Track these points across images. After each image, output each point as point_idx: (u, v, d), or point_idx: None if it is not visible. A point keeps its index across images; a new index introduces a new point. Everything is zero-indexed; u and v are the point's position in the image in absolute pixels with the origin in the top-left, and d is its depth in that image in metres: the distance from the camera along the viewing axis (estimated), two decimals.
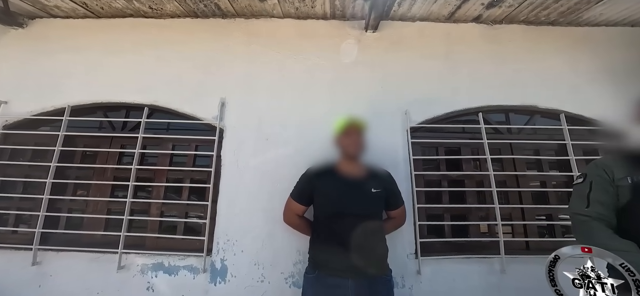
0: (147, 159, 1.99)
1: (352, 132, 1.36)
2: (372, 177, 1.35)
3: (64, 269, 1.66)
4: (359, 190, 1.30)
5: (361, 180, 1.32)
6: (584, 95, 1.94)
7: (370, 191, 1.30)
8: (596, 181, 1.02)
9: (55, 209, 1.80)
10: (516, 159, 1.88)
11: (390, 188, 1.41)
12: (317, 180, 1.35)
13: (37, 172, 1.83)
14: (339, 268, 1.20)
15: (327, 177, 1.35)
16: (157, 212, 1.81)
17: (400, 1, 1.86)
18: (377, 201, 1.33)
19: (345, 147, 1.36)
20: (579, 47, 2.04)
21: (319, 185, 1.33)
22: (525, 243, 1.78)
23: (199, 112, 1.91)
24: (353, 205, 1.27)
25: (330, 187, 1.31)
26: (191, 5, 1.95)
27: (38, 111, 1.92)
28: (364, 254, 1.21)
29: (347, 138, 1.36)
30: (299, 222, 1.45)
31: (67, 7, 2.00)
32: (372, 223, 1.27)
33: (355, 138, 1.35)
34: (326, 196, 1.31)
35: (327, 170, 1.38)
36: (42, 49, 2.05)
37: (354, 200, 1.27)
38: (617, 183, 0.96)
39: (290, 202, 1.42)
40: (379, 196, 1.32)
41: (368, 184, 1.31)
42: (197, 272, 1.66)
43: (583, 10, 1.92)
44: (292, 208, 1.41)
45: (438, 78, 1.97)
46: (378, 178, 1.37)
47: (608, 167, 1.01)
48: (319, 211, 1.33)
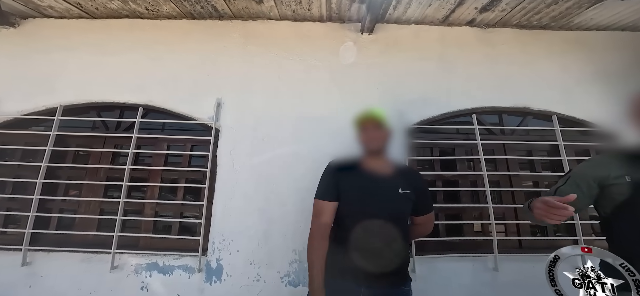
0: (142, 159, 1.98)
1: (369, 126, 1.22)
2: (400, 176, 1.20)
3: (55, 269, 1.64)
4: (384, 189, 1.16)
5: (387, 178, 1.18)
6: (576, 97, 1.98)
7: (397, 191, 1.15)
8: (574, 178, 1.03)
9: (46, 209, 1.77)
10: (509, 159, 1.91)
11: (420, 191, 1.22)
12: (340, 173, 1.20)
13: (27, 172, 1.81)
14: (353, 273, 1.08)
15: (349, 173, 1.20)
16: (152, 212, 1.80)
17: (395, 4, 1.88)
18: (404, 203, 1.17)
19: (363, 143, 1.24)
20: (571, 51, 2.09)
21: (342, 179, 1.18)
22: (518, 242, 1.80)
23: (194, 112, 1.91)
24: (376, 205, 1.13)
25: (352, 183, 1.17)
26: (188, 7, 1.95)
27: (29, 110, 1.90)
28: (382, 261, 1.08)
29: (365, 133, 1.23)
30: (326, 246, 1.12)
31: (60, 7, 1.99)
32: (396, 227, 1.12)
33: (374, 133, 1.21)
34: (347, 193, 1.16)
35: (351, 165, 1.23)
36: (34, 48, 2.02)
37: (378, 200, 1.14)
38: (614, 182, 0.94)
39: (318, 205, 1.16)
40: (407, 197, 1.16)
41: (395, 183, 1.17)
42: (192, 272, 1.65)
43: (574, 15, 1.97)
44: (323, 210, 1.15)
45: (433, 80, 2.00)
46: (408, 178, 1.21)
47: (599, 166, 1.00)
48: (340, 208, 1.17)
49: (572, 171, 1.07)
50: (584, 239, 1.70)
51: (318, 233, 1.12)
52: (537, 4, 1.86)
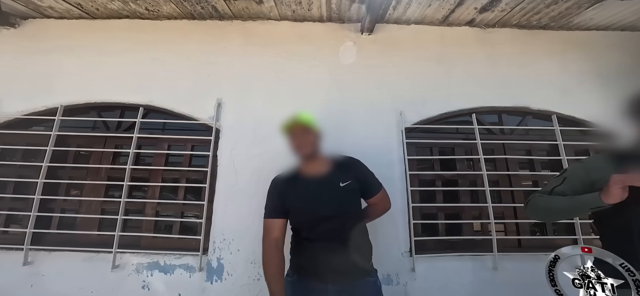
0: (143, 159, 1.99)
1: (296, 132, 1.23)
2: (338, 170, 1.22)
3: (56, 269, 1.65)
4: (326, 188, 1.18)
5: (327, 177, 1.21)
6: (575, 97, 1.99)
7: (338, 186, 1.17)
8: (569, 178, 1.04)
9: (47, 209, 1.78)
10: (509, 159, 1.92)
11: (360, 176, 1.25)
12: (284, 187, 1.22)
13: (28, 172, 1.81)
14: (317, 273, 1.12)
15: (292, 183, 1.22)
16: (153, 212, 1.80)
17: (395, 4, 1.89)
18: (349, 195, 1.19)
19: (295, 149, 1.24)
20: (570, 50, 2.09)
21: (286, 193, 1.20)
22: (517, 241, 1.81)
23: (195, 112, 1.91)
24: (322, 206, 1.15)
25: (296, 192, 1.19)
26: (188, 7, 1.96)
27: (29, 111, 1.90)
28: (342, 256, 1.11)
29: (294, 140, 1.24)
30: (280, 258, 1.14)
31: (61, 7, 1.99)
32: (348, 221, 1.15)
33: (302, 137, 1.22)
34: (294, 204, 1.18)
35: (291, 175, 1.25)
36: (34, 49, 2.03)
37: (323, 200, 1.16)
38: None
39: (266, 223, 1.18)
40: (350, 188, 1.18)
41: (334, 179, 1.19)
42: (193, 271, 1.66)
43: (574, 15, 1.97)
44: (271, 228, 1.16)
45: (432, 80, 2.00)
46: (345, 168, 1.24)
47: (593, 168, 1.00)
48: (292, 220, 1.21)
49: (567, 171, 1.08)
50: (583, 238, 1.71)
51: (270, 250, 1.14)
52: (536, 4, 1.86)
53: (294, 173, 1.26)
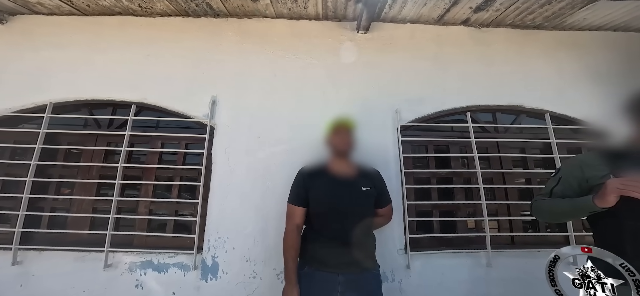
0: (136, 157, 1.96)
1: (342, 131, 1.40)
2: (362, 176, 1.38)
3: (47, 268, 1.62)
4: (350, 188, 1.32)
5: (352, 178, 1.35)
6: (568, 96, 2.02)
7: (360, 189, 1.32)
8: (565, 177, 1.05)
9: (37, 208, 1.74)
10: (503, 157, 1.94)
11: (379, 187, 1.43)
12: (309, 179, 1.36)
13: (17, 170, 1.77)
14: (329, 264, 1.23)
15: (319, 176, 1.36)
16: (146, 210, 1.78)
17: (391, 3, 1.89)
18: (367, 199, 1.35)
19: (336, 145, 1.38)
20: (564, 50, 2.12)
21: (311, 184, 1.34)
22: (511, 238, 1.84)
23: (189, 109, 1.89)
24: (344, 203, 1.29)
25: (321, 185, 1.33)
26: (182, 5, 1.93)
27: (18, 108, 1.86)
28: (353, 250, 1.24)
29: (338, 137, 1.39)
30: (299, 241, 1.29)
31: (50, 4, 1.94)
32: (362, 220, 1.30)
33: (346, 137, 1.39)
34: (318, 194, 1.32)
35: (319, 169, 1.39)
36: (23, 45, 1.98)
37: (345, 198, 1.30)
38: (601, 181, 0.94)
39: (290, 208, 1.34)
40: (369, 194, 1.35)
41: (358, 182, 1.34)
42: (187, 269, 1.64)
43: (567, 15, 1.99)
44: (294, 214, 1.32)
45: (428, 78, 2.01)
46: (368, 176, 1.40)
47: (587, 165, 1.01)
48: (311, 209, 1.34)
49: (561, 170, 1.09)
50: (575, 235, 1.74)
51: (292, 233, 1.29)
52: (530, 4, 1.88)
53: (322, 167, 1.40)
